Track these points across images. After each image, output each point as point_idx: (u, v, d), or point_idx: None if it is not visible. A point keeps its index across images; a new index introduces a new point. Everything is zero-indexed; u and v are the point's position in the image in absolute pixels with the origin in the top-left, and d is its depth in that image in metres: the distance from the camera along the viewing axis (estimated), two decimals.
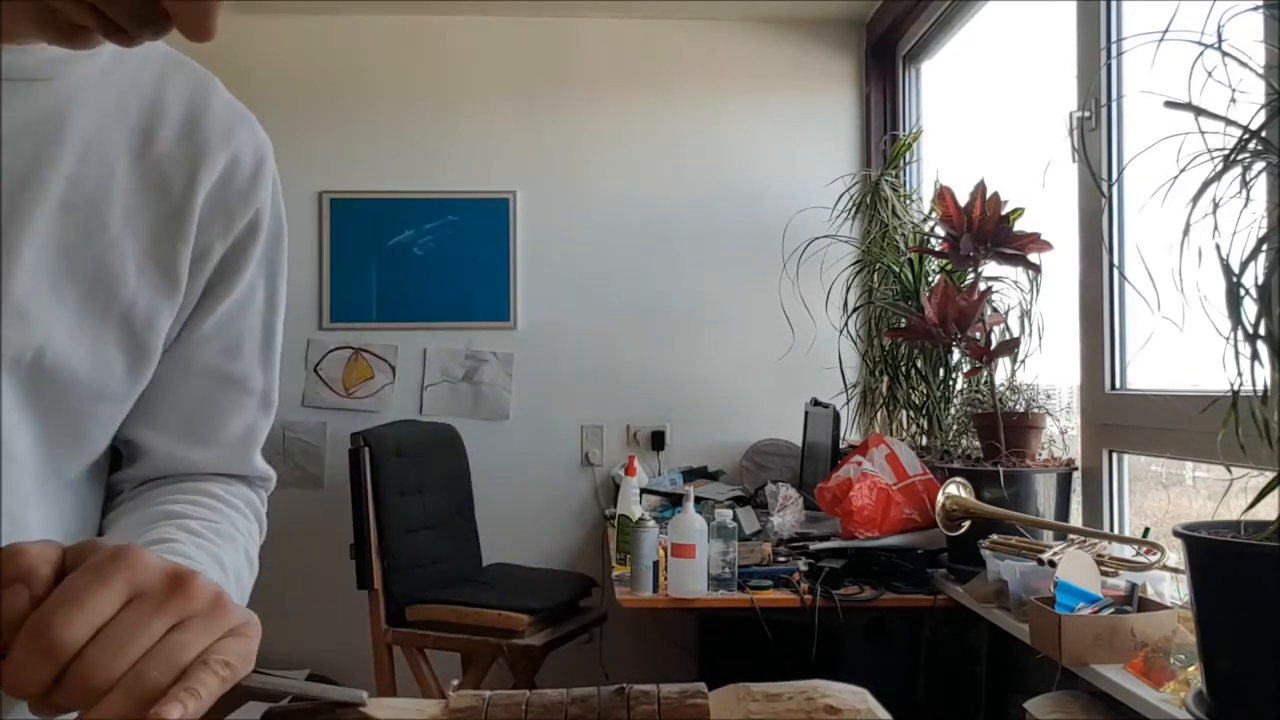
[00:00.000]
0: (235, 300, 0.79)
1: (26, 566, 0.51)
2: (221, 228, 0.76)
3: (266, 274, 0.82)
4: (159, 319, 0.74)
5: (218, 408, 0.81)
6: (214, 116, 0.76)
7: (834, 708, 0.61)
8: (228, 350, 0.80)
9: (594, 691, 0.63)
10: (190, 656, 0.52)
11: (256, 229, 0.79)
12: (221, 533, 0.76)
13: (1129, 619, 1.76)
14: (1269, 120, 1.20)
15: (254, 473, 0.86)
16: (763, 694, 0.64)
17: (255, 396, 0.83)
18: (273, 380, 0.85)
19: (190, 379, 0.79)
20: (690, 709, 0.61)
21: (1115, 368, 2.23)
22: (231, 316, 0.80)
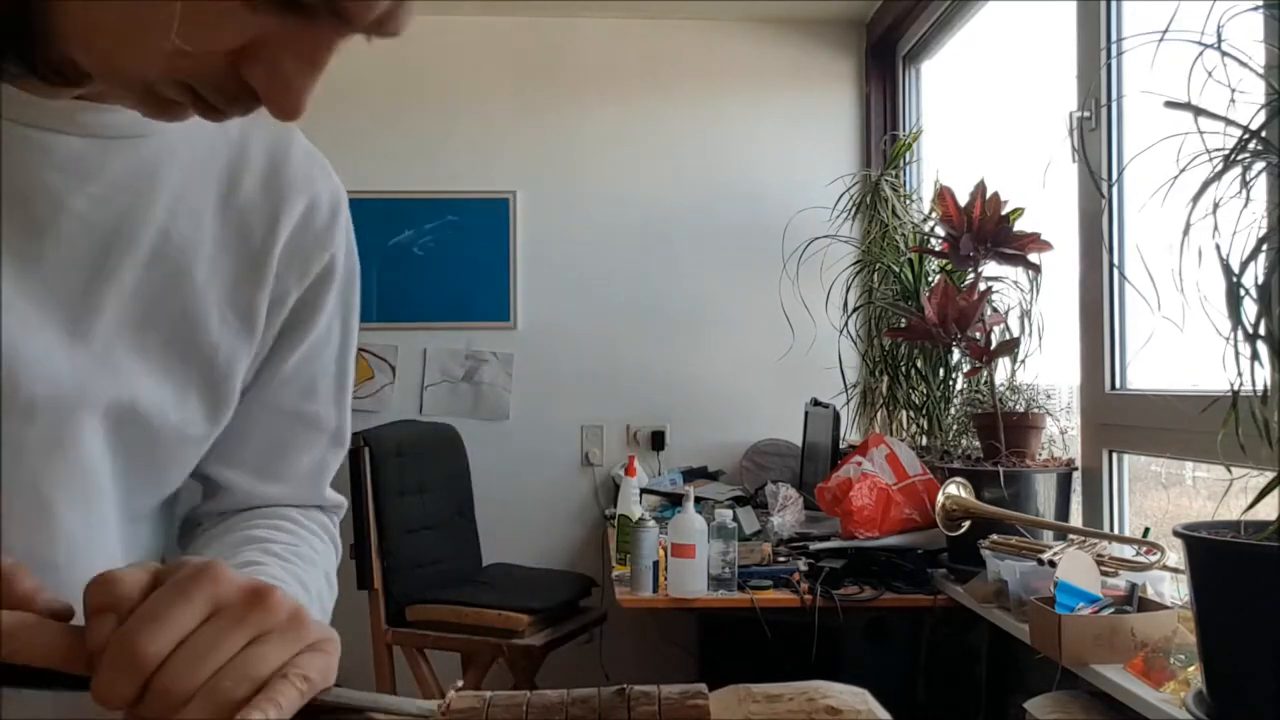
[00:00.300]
0: (313, 343, 0.81)
1: (118, 595, 0.53)
2: (298, 273, 0.78)
3: (342, 316, 0.84)
4: (238, 364, 0.76)
5: (291, 446, 0.84)
6: (294, 165, 0.78)
7: (834, 708, 0.61)
8: (305, 392, 0.83)
9: (594, 692, 0.63)
10: (269, 670, 0.53)
11: (331, 273, 0.81)
12: (302, 555, 0.78)
13: (1129, 619, 1.76)
14: (1269, 120, 1.20)
15: (325, 502, 0.88)
16: (763, 694, 0.64)
17: (327, 434, 0.85)
18: (345, 418, 0.87)
19: (268, 419, 0.81)
20: (690, 709, 0.61)
21: (1115, 368, 2.23)
22: (308, 359, 0.82)
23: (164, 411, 0.72)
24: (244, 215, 0.75)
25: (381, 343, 3.81)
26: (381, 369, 3.82)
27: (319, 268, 0.79)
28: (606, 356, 3.83)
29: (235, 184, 0.74)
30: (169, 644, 0.52)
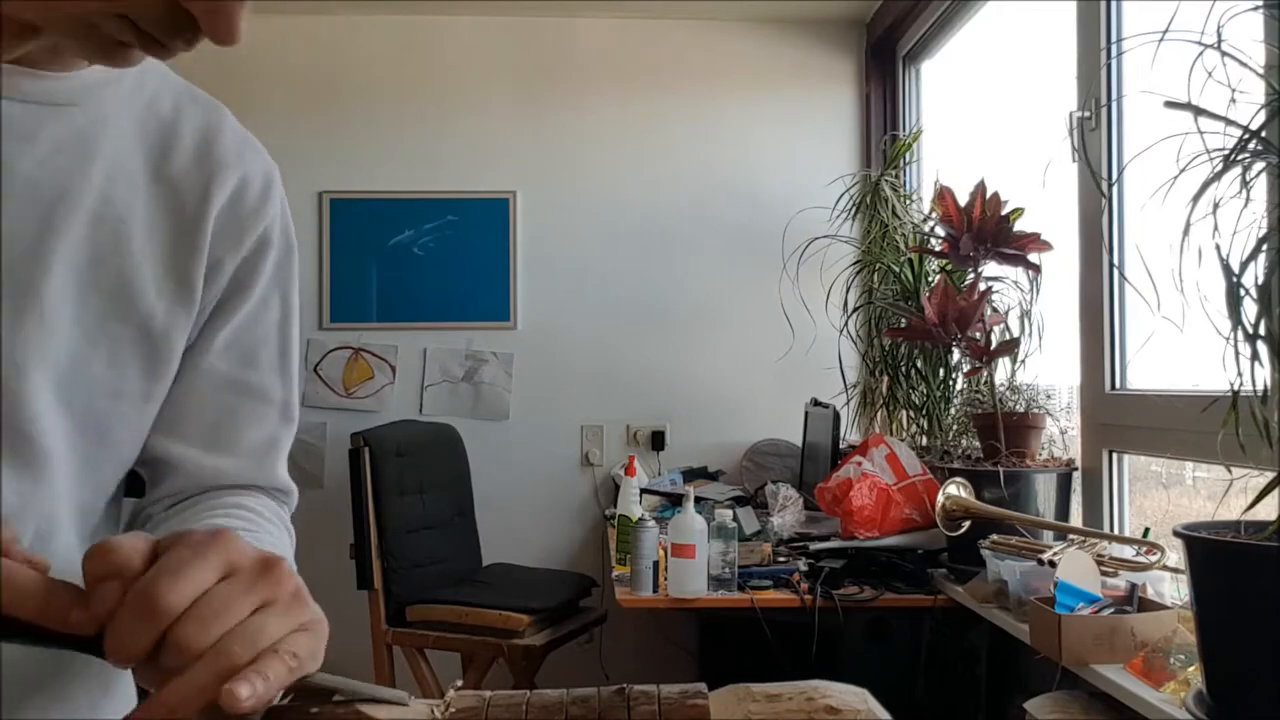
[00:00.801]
0: (249, 312, 0.83)
1: (119, 563, 0.54)
2: (233, 243, 0.81)
3: (281, 290, 0.86)
4: (175, 328, 0.78)
5: (237, 416, 0.84)
6: (225, 141, 0.81)
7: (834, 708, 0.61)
8: (244, 360, 0.84)
9: (594, 692, 0.63)
10: (268, 641, 0.55)
11: (267, 244, 0.83)
12: (264, 543, 0.78)
13: (1129, 619, 1.76)
14: (1269, 120, 1.20)
15: (277, 484, 0.88)
16: (763, 694, 0.64)
17: (275, 406, 0.86)
18: (292, 391, 0.88)
19: (210, 389, 0.83)
20: (690, 709, 0.61)
21: (1115, 368, 2.23)
22: (246, 328, 0.84)
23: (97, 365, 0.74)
24: (176, 186, 0.78)
25: (381, 343, 3.81)
26: (381, 369, 3.82)
27: (253, 239, 0.82)
28: (606, 356, 3.83)
29: (166, 156, 0.77)
30: (188, 597, 0.53)
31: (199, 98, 0.83)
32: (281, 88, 3.71)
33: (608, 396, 3.83)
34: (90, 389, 0.74)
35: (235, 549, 0.57)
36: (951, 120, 3.57)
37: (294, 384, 0.88)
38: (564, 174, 3.82)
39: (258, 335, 0.85)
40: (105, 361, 0.75)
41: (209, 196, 0.79)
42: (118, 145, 0.75)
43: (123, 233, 0.74)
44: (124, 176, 0.75)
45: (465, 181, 3.81)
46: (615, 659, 3.53)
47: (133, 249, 0.75)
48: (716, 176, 3.87)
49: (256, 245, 0.83)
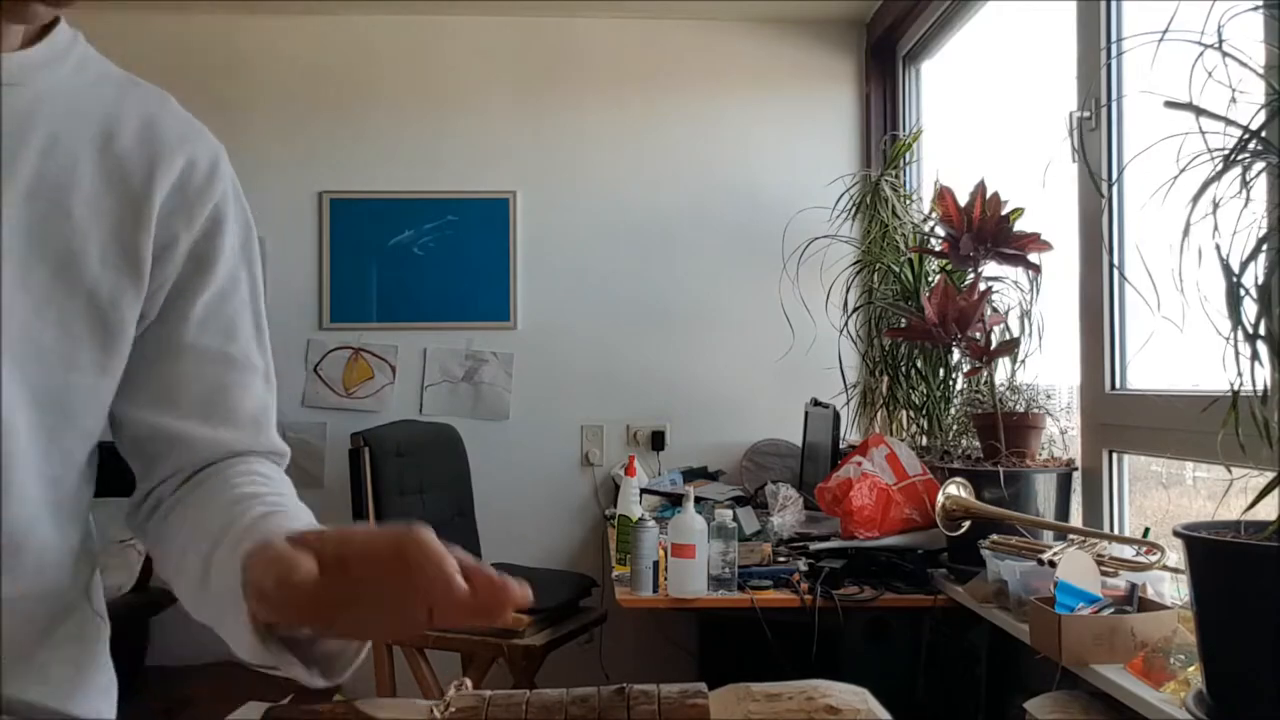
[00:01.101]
0: (219, 287, 0.87)
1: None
2: (185, 220, 0.84)
3: (247, 266, 0.90)
4: (123, 299, 0.80)
5: (229, 388, 0.88)
6: (168, 124, 0.85)
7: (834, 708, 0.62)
8: (225, 333, 0.88)
9: (594, 691, 0.63)
10: None
11: (221, 220, 0.87)
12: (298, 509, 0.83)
13: (1129, 619, 1.76)
14: (1269, 120, 1.20)
15: (274, 449, 0.92)
16: (763, 694, 0.64)
17: (259, 375, 0.91)
18: (269, 360, 0.92)
19: (197, 364, 0.86)
20: (690, 709, 0.61)
21: (1115, 368, 2.23)
22: (220, 302, 0.87)
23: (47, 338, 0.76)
24: (121, 164, 0.80)
25: (381, 343, 3.81)
26: (381, 369, 3.82)
27: (205, 216, 0.85)
28: (606, 356, 3.83)
29: (110, 137, 0.80)
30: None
31: (140, 83, 0.87)
32: (282, 88, 3.71)
33: (608, 396, 3.83)
34: (43, 359, 0.76)
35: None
36: (951, 120, 3.57)
37: (268, 352, 0.93)
38: (564, 174, 3.82)
39: (233, 309, 0.89)
40: (56, 332, 0.77)
41: (154, 176, 0.82)
42: (57, 122, 0.78)
43: (62, 204, 0.77)
44: (63, 151, 0.77)
45: (465, 181, 3.81)
46: (615, 659, 3.53)
47: (74, 220, 0.77)
48: (716, 176, 3.87)
49: (209, 223, 0.86)
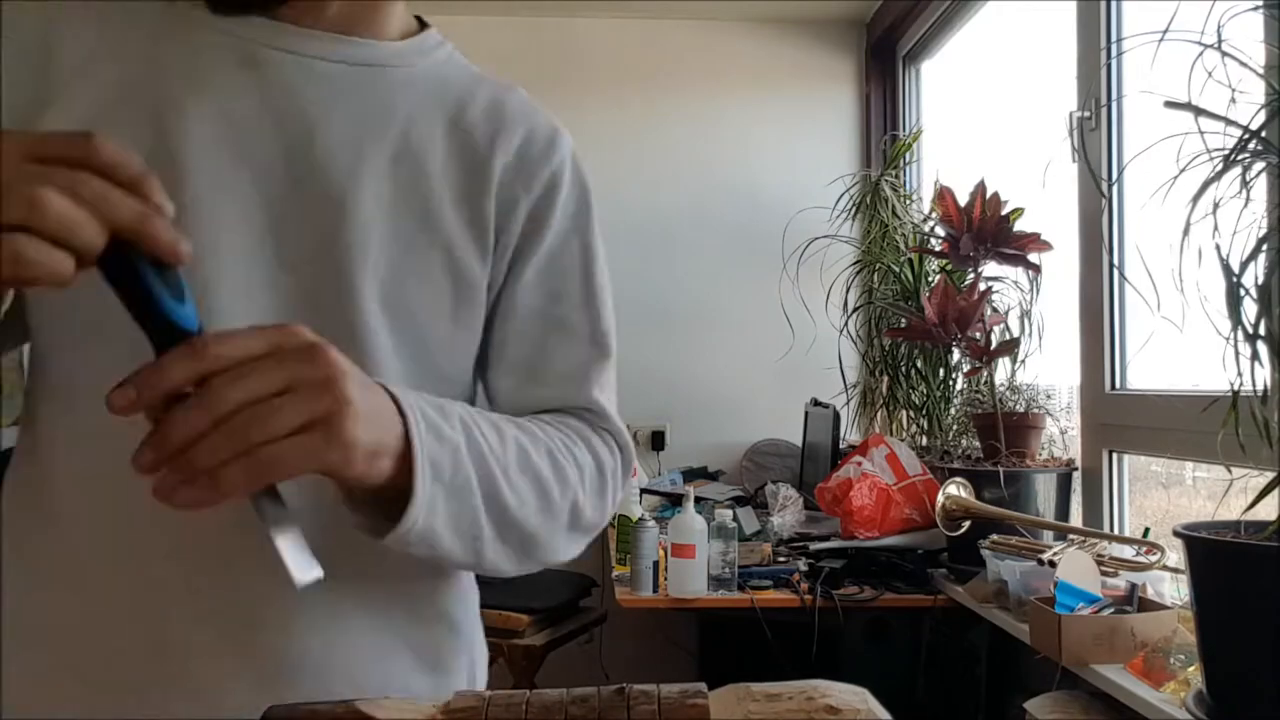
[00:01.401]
0: (549, 250, 0.91)
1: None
2: (524, 186, 0.89)
3: (580, 235, 0.94)
4: (472, 257, 0.86)
5: (548, 348, 0.90)
6: (513, 105, 0.92)
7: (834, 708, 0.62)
8: (550, 296, 0.91)
9: (594, 691, 0.63)
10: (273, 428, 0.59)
11: (556, 188, 0.92)
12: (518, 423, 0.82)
13: (1129, 619, 1.76)
14: (1269, 120, 1.20)
15: (587, 404, 0.91)
16: (763, 694, 0.64)
17: (583, 338, 0.92)
18: (599, 323, 0.93)
19: (521, 324, 0.90)
20: (690, 709, 0.61)
21: (1115, 368, 2.23)
22: (548, 265, 0.91)
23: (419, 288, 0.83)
24: (469, 136, 0.88)
25: None
26: None
27: (542, 181, 0.90)
28: None
29: (461, 113, 0.88)
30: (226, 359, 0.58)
31: (494, 80, 0.95)
32: None
33: None
34: (405, 304, 0.83)
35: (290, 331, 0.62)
36: (951, 120, 3.57)
37: (604, 318, 0.94)
38: None
39: (561, 271, 0.92)
40: (419, 279, 0.83)
41: (496, 142, 0.88)
42: (419, 101, 0.86)
43: (421, 168, 0.84)
44: (423, 124, 0.86)
45: None
46: (615, 659, 3.53)
47: (431, 182, 0.85)
48: (716, 176, 3.87)
49: (546, 188, 0.91)
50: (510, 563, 0.81)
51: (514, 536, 0.79)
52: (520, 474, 0.79)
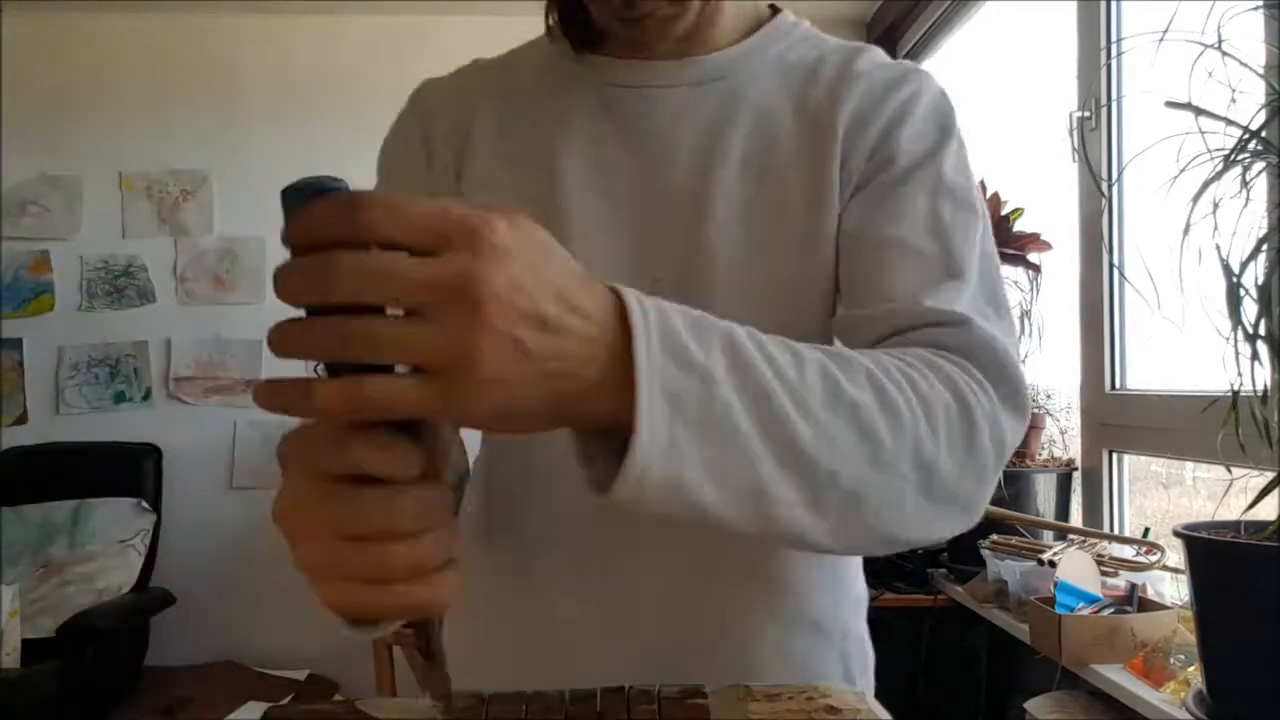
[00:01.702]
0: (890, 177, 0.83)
1: None
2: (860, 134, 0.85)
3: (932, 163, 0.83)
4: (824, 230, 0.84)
5: (885, 268, 0.79)
6: (860, 64, 0.89)
7: (834, 708, 0.61)
8: (890, 219, 0.81)
9: (594, 691, 0.63)
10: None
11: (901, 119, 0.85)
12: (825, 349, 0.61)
13: (1129, 619, 1.76)
14: (1269, 120, 1.20)
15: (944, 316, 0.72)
16: (763, 694, 0.64)
17: (926, 258, 0.78)
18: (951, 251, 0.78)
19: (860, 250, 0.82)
20: (690, 709, 0.61)
21: (1115, 368, 2.23)
22: (887, 191, 0.83)
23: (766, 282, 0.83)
24: (814, 112, 0.86)
25: None
26: None
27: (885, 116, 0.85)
28: None
29: (806, 93, 0.88)
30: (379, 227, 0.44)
31: (848, 46, 0.93)
32: (280, 88, 3.71)
33: None
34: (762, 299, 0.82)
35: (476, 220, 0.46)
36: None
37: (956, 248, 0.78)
38: None
39: (903, 197, 0.82)
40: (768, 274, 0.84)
41: (838, 103, 0.86)
42: (762, 97, 0.87)
43: (768, 164, 0.85)
44: (767, 117, 0.86)
45: None
46: None
47: (780, 175, 0.85)
48: None
49: (888, 123, 0.85)
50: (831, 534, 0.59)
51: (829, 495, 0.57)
52: (826, 407, 0.57)
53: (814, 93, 0.88)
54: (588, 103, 0.89)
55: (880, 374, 0.61)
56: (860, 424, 0.58)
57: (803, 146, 0.86)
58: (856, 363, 0.60)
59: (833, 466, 0.57)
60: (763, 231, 0.84)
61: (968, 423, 0.63)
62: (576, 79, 0.90)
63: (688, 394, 0.52)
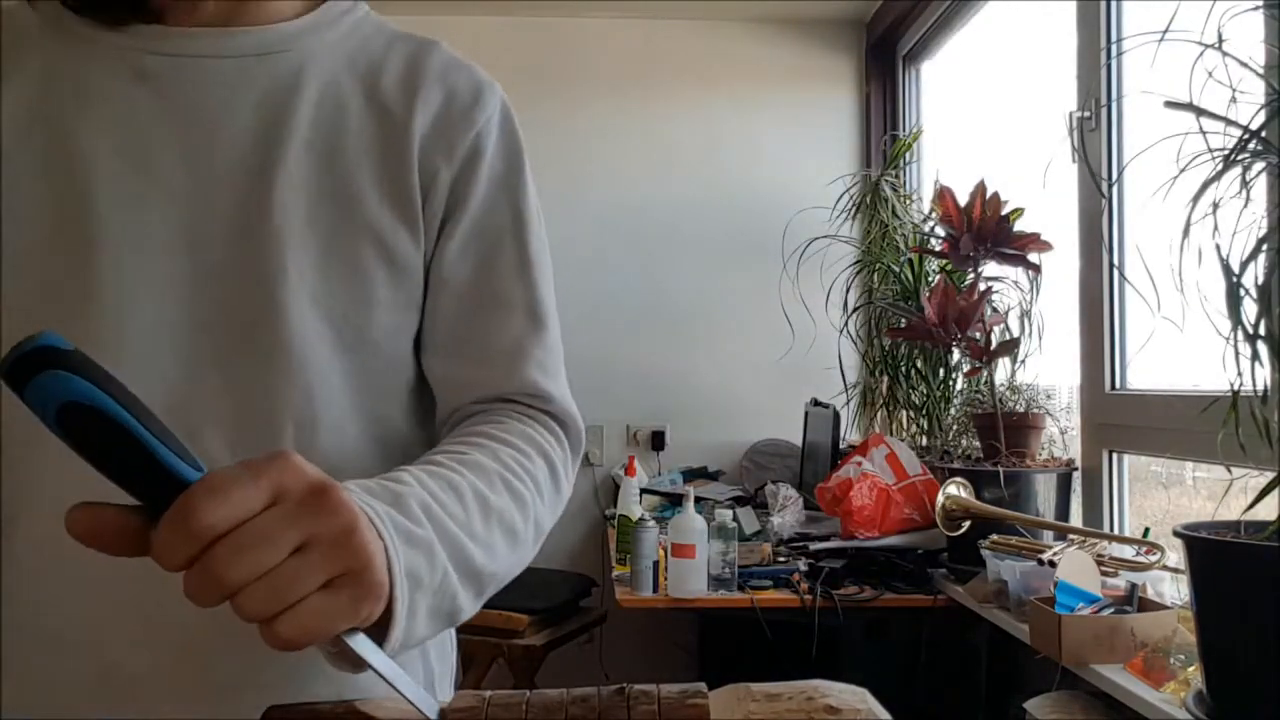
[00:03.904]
0: (474, 219, 0.85)
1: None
2: (445, 152, 0.84)
3: (510, 199, 0.87)
4: (400, 234, 0.82)
5: (480, 324, 0.84)
6: (432, 63, 0.87)
7: (834, 708, 0.61)
8: (480, 267, 0.85)
9: (594, 691, 0.63)
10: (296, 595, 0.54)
11: (479, 152, 0.86)
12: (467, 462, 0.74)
13: (1129, 619, 1.76)
14: (1269, 120, 1.20)
15: (526, 389, 0.84)
16: (763, 694, 0.64)
17: (518, 311, 0.85)
18: (537, 295, 0.86)
19: (453, 300, 0.84)
20: (690, 709, 0.61)
21: (1115, 368, 2.23)
22: (475, 236, 0.85)
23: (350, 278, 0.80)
24: (385, 106, 0.83)
25: None
26: None
27: (465, 146, 0.85)
28: (606, 356, 3.83)
29: (375, 82, 0.84)
30: (225, 522, 0.52)
31: (413, 37, 0.90)
32: None
33: (608, 396, 3.82)
34: (336, 295, 0.79)
35: (290, 470, 0.55)
36: (951, 120, 3.57)
37: (539, 288, 0.87)
38: (563, 174, 3.82)
39: (489, 242, 0.85)
40: (349, 270, 0.80)
41: (414, 108, 0.83)
42: (327, 77, 0.83)
43: (337, 149, 0.81)
44: (332, 101, 0.82)
45: None
46: (615, 659, 3.53)
47: (348, 163, 0.81)
48: (716, 176, 3.87)
49: (470, 152, 0.85)
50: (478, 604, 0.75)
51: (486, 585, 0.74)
52: (485, 527, 0.72)
53: (382, 87, 0.84)
54: (116, 70, 0.79)
55: (508, 474, 0.76)
56: (505, 526, 0.74)
57: (375, 148, 0.82)
58: (491, 470, 0.75)
59: (493, 568, 0.73)
60: (331, 217, 0.80)
61: (555, 479, 0.82)
62: (97, 42, 0.80)
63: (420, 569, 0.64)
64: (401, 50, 0.87)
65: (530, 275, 0.87)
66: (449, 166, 0.84)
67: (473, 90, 0.87)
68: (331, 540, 0.56)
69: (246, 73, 0.81)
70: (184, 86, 0.79)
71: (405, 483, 0.68)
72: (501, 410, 0.84)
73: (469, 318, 0.84)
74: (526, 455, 0.80)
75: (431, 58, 0.87)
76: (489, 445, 0.78)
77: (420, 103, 0.84)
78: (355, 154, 0.81)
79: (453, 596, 0.69)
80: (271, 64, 0.82)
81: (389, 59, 0.86)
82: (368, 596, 0.57)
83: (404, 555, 0.62)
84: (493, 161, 0.87)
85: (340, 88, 0.83)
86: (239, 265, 0.77)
